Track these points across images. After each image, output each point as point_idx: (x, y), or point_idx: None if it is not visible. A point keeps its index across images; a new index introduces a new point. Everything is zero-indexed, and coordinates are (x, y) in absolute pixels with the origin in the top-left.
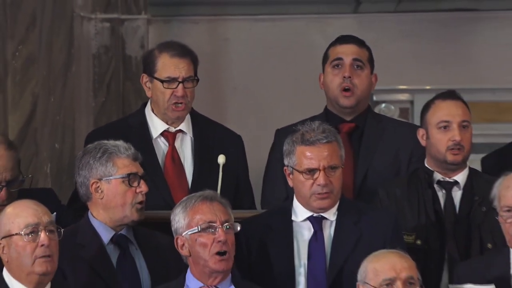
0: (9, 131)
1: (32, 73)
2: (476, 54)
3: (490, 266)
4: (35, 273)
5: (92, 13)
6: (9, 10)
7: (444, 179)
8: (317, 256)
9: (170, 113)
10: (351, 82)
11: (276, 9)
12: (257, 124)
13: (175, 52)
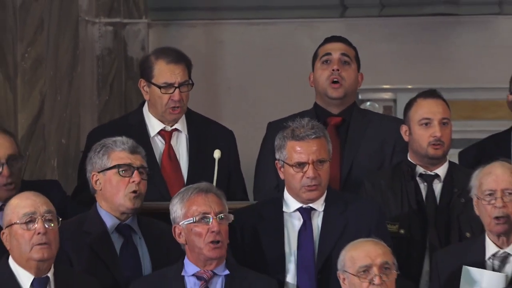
0: (19, 127)
1: (40, 73)
2: (455, 55)
3: (467, 252)
4: (32, 259)
5: (96, 17)
6: (19, 14)
7: (426, 172)
8: (306, 244)
9: (168, 116)
10: (339, 75)
11: (268, 14)
12: (250, 121)
13: (171, 58)
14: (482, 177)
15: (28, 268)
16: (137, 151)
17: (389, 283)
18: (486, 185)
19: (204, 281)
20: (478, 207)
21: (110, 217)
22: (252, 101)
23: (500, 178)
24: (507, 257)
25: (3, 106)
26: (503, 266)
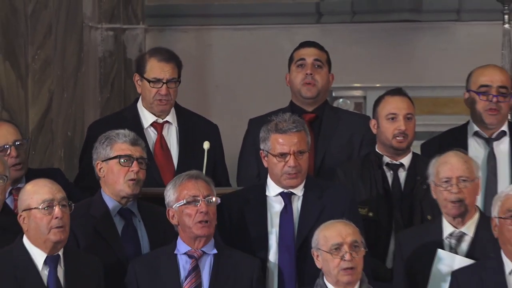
0: (30, 121)
1: (48, 73)
2: (418, 57)
3: (427, 232)
4: (50, 241)
5: (98, 23)
6: (30, 21)
7: (392, 161)
8: (286, 226)
9: (155, 107)
10: (313, 78)
11: (252, 20)
12: (235, 116)
13: (162, 57)
14: (439, 166)
15: (44, 247)
16: (137, 143)
17: (358, 259)
18: (443, 173)
19: (194, 259)
20: (436, 192)
21: (113, 202)
22: (237, 98)
23: (455, 167)
24: (463, 236)
25: (15, 102)
26: (459, 244)
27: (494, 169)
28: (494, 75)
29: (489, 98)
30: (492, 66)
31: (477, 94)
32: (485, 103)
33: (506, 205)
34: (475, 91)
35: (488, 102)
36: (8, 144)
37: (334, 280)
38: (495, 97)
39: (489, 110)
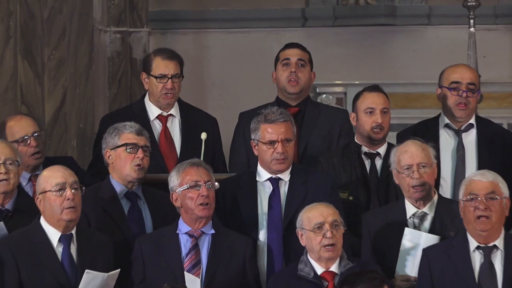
0: (46, 114)
1: (62, 71)
2: (392, 57)
3: (392, 213)
4: (63, 220)
5: (107, 27)
6: (46, 25)
7: (369, 151)
8: (275, 208)
9: (162, 100)
10: (296, 75)
11: (244, 24)
12: (229, 110)
13: (166, 55)
14: (400, 155)
15: (58, 226)
16: (142, 133)
17: (338, 237)
18: (404, 161)
19: (194, 238)
20: (398, 178)
21: (120, 186)
22: (231, 94)
23: (414, 154)
24: (425, 215)
25: (33, 97)
26: (422, 223)
27: (463, 158)
28: (464, 73)
29: (459, 94)
30: (462, 65)
31: (449, 90)
32: (455, 98)
33: (468, 189)
34: (447, 87)
35: (458, 97)
36: (28, 135)
37: (316, 256)
38: (464, 93)
39: (459, 105)
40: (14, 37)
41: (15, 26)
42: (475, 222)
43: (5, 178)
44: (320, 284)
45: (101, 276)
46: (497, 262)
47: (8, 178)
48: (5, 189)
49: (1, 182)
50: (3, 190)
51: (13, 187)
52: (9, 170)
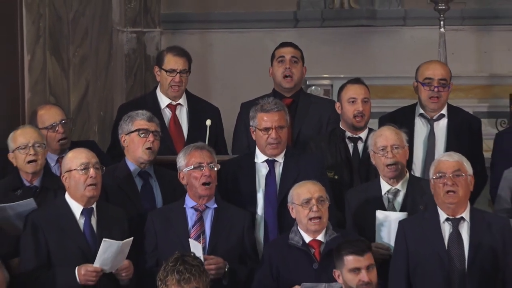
0: (71, 104)
1: (85, 66)
2: (373, 54)
3: (369, 189)
4: (85, 196)
5: (124, 27)
6: (71, 26)
7: (352, 136)
8: (270, 186)
9: (169, 92)
10: (290, 71)
11: (244, 25)
12: (231, 101)
13: (177, 53)
14: (376, 138)
15: (81, 201)
16: (153, 120)
17: (323, 210)
18: (379, 142)
19: (199, 212)
20: (374, 158)
21: (134, 166)
22: (232, 86)
23: (389, 137)
24: (397, 192)
25: (60, 89)
26: (395, 198)
27: (433, 144)
28: (436, 69)
29: (431, 89)
30: (435, 61)
31: (422, 85)
32: (428, 92)
33: (437, 168)
34: (421, 82)
35: (430, 92)
36: (56, 123)
37: (305, 228)
38: (436, 88)
39: (431, 98)
40: (43, 37)
41: (44, 27)
42: (444, 196)
43: (34, 159)
44: (308, 251)
45: (116, 244)
46: (464, 232)
47: (36, 159)
48: (34, 169)
49: (31, 163)
50: (33, 170)
51: (41, 167)
52: (37, 152)
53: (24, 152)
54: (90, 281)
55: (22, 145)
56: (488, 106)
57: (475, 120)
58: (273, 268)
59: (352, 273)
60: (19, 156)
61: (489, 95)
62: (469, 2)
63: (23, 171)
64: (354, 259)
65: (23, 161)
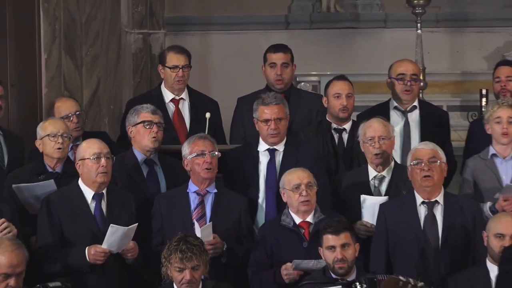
0: (84, 98)
1: (97, 64)
2: (356, 53)
3: (358, 175)
4: (97, 182)
5: (132, 29)
6: (83, 28)
7: (338, 127)
8: (271, 173)
9: (175, 86)
10: (281, 76)
11: (240, 27)
12: (228, 95)
13: (177, 50)
14: (365, 129)
15: (92, 187)
16: (156, 112)
17: (311, 195)
18: (368, 133)
19: (201, 196)
20: (364, 147)
21: (140, 154)
22: (229, 82)
23: (377, 129)
24: (383, 178)
25: (73, 85)
26: (381, 184)
27: (408, 133)
28: (408, 66)
29: (404, 83)
30: (406, 59)
31: (396, 80)
32: (402, 86)
33: (414, 155)
34: (395, 78)
35: (404, 85)
36: (71, 113)
37: (295, 210)
38: (409, 82)
39: (405, 91)
40: (59, 37)
41: (60, 29)
42: (421, 180)
43: (61, 147)
44: (298, 231)
45: (122, 229)
46: (438, 214)
47: (63, 147)
48: (60, 155)
49: (59, 150)
50: (59, 156)
51: (65, 155)
52: (64, 141)
53: (53, 140)
54: (99, 260)
55: (52, 133)
56: (461, 101)
57: (443, 113)
58: (267, 247)
59: (329, 251)
60: (47, 143)
61: (461, 91)
62: (443, 6)
63: (49, 157)
64: (331, 238)
65: (52, 148)
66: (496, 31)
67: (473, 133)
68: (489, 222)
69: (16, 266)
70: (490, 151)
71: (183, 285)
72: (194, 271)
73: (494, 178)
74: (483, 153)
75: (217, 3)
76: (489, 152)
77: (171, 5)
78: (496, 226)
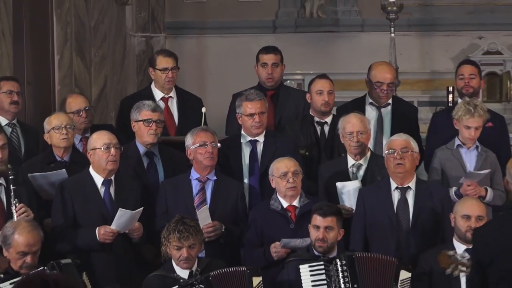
0: (92, 95)
1: (104, 64)
2: (337, 55)
3: (337, 164)
4: (107, 169)
5: (136, 32)
6: (92, 31)
7: (320, 120)
8: (253, 160)
9: (165, 85)
10: (272, 75)
11: (233, 31)
12: (222, 92)
13: (166, 54)
14: (345, 123)
15: (102, 174)
16: (156, 110)
17: (298, 181)
18: (347, 128)
19: (202, 183)
20: (343, 140)
21: (141, 147)
22: (223, 81)
23: (355, 124)
24: (360, 166)
25: (83, 83)
26: (358, 171)
27: (381, 125)
28: (386, 75)
29: (381, 90)
30: (386, 66)
31: (374, 87)
32: (379, 92)
33: (389, 145)
34: (374, 83)
35: (381, 92)
36: (81, 109)
37: (283, 195)
38: (385, 90)
39: (382, 97)
40: (70, 40)
41: (71, 32)
42: (394, 167)
43: (65, 138)
44: (285, 214)
45: (129, 213)
46: (410, 198)
47: (67, 137)
48: (66, 144)
49: (64, 140)
50: (64, 145)
51: (70, 144)
52: (68, 132)
53: (58, 132)
54: (108, 239)
55: (56, 126)
56: (429, 97)
57: (413, 108)
58: (258, 228)
59: (314, 229)
60: (53, 135)
61: (430, 88)
62: (414, 12)
63: (57, 147)
64: (318, 218)
65: (58, 139)
66: (461, 35)
67: (434, 125)
68: (456, 205)
69: (32, 245)
70: (456, 142)
71: (181, 261)
72: (191, 249)
73: (459, 166)
74: (450, 144)
75: (212, 9)
76: (455, 143)
77: (171, 11)
78: (463, 208)
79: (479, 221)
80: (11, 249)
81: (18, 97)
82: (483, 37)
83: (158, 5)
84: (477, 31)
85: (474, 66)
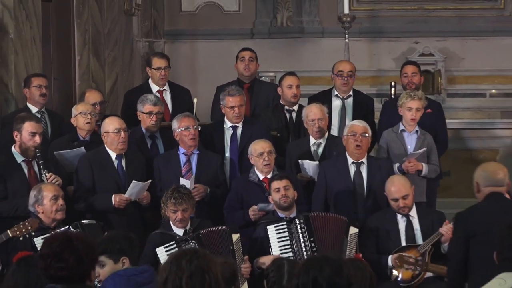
0: (106, 89)
1: (115, 64)
2: (303, 56)
3: (302, 144)
4: (118, 149)
5: (140, 38)
6: (106, 37)
7: (289, 108)
8: (234, 142)
9: (160, 82)
10: (248, 67)
11: (218, 37)
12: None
13: (160, 56)
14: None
15: (115, 150)
16: (157, 104)
17: (272, 159)
18: (310, 116)
19: (187, 156)
20: (307, 125)
21: (145, 131)
22: (211, 77)
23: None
24: (320, 144)
25: (99, 79)
26: (318, 148)
27: (344, 114)
28: (345, 65)
29: (343, 78)
30: (345, 60)
31: (337, 76)
32: (341, 80)
33: (351, 129)
34: (336, 74)
35: (342, 80)
36: (96, 102)
37: (260, 170)
38: (346, 78)
39: (343, 85)
40: (88, 44)
41: (88, 38)
42: (354, 148)
43: (89, 122)
44: (261, 185)
45: (140, 184)
46: (363, 171)
47: (90, 122)
48: (88, 128)
49: (88, 124)
50: (88, 128)
51: (92, 128)
52: (92, 117)
53: (84, 117)
54: (121, 205)
55: (83, 112)
56: (376, 90)
57: (370, 100)
58: (239, 195)
59: (276, 192)
60: (79, 119)
61: (376, 83)
62: (364, 22)
63: (81, 129)
64: (276, 183)
65: (83, 122)
66: (401, 40)
67: (385, 111)
68: (386, 186)
69: (59, 190)
70: (400, 127)
71: (177, 222)
72: (184, 212)
73: (401, 147)
74: (395, 128)
75: (202, 19)
76: (399, 128)
77: (169, 21)
78: (391, 192)
79: (404, 199)
80: (44, 200)
81: (46, 90)
82: (419, 42)
83: (159, 16)
84: (414, 37)
85: (416, 66)
